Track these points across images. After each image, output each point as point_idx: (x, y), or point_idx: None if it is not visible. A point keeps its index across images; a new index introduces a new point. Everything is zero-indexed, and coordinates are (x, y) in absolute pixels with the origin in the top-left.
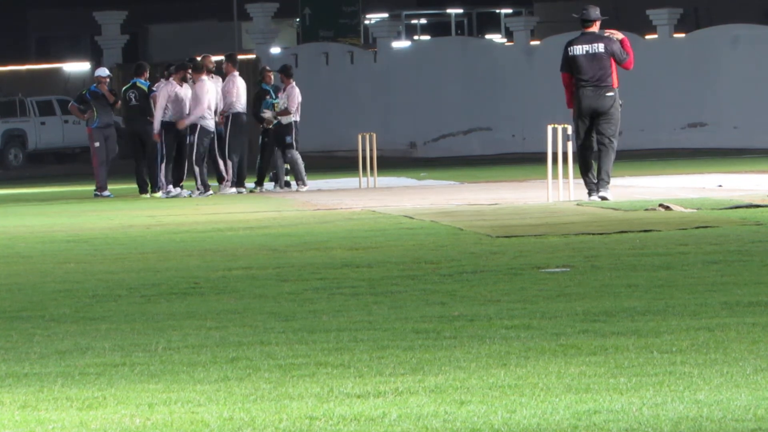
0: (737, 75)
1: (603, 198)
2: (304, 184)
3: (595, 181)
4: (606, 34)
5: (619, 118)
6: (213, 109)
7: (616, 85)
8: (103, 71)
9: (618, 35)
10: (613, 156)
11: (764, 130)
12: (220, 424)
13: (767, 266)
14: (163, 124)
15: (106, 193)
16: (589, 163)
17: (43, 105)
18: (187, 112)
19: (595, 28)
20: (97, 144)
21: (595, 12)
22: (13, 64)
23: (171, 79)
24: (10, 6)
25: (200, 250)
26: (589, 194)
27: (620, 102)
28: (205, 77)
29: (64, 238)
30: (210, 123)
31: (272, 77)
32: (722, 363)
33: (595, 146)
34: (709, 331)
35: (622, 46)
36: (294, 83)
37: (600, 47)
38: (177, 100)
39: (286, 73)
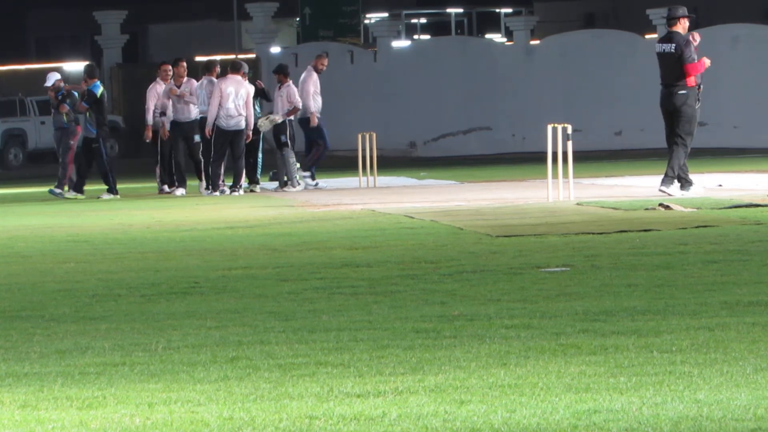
0: (737, 75)
1: (663, 192)
2: (293, 185)
3: (685, 176)
4: (684, 34)
5: (694, 116)
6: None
7: (691, 84)
8: (50, 78)
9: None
10: (682, 153)
11: (764, 130)
12: (220, 424)
13: (767, 266)
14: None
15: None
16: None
17: (43, 105)
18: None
19: (678, 26)
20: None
21: (678, 11)
22: (13, 64)
23: (208, 76)
24: (9, 6)
25: (200, 249)
26: (681, 188)
27: (697, 98)
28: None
29: (64, 238)
30: (222, 122)
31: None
32: (722, 363)
33: None
34: (709, 330)
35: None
36: (291, 82)
37: (672, 47)
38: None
39: (284, 72)
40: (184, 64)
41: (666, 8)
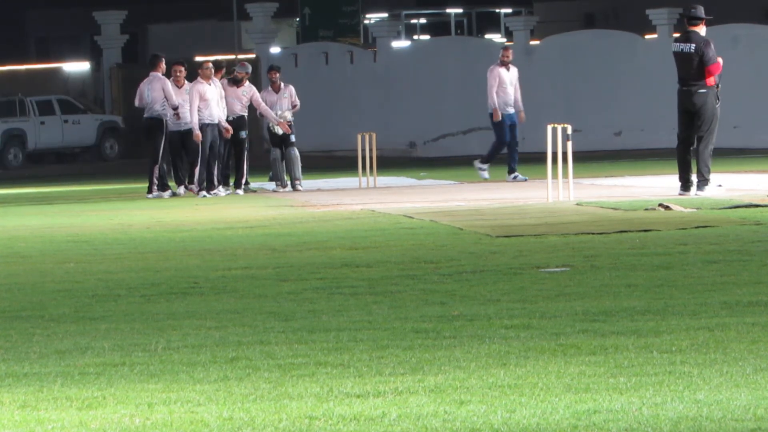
0: (737, 75)
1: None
2: (301, 185)
3: (689, 177)
4: (704, 35)
5: (715, 115)
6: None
7: (710, 83)
8: None
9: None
10: (706, 153)
11: (764, 130)
12: (219, 424)
13: (767, 266)
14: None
15: None
16: (686, 160)
17: (43, 105)
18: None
19: (699, 27)
20: None
21: (701, 11)
22: (12, 64)
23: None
24: (9, 6)
25: (200, 250)
26: (680, 189)
27: (717, 97)
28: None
29: (64, 238)
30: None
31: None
32: (722, 363)
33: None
34: (709, 331)
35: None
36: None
37: (691, 47)
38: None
39: (279, 70)
40: (182, 68)
41: (666, 8)
